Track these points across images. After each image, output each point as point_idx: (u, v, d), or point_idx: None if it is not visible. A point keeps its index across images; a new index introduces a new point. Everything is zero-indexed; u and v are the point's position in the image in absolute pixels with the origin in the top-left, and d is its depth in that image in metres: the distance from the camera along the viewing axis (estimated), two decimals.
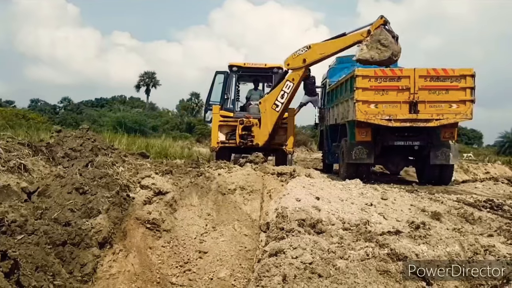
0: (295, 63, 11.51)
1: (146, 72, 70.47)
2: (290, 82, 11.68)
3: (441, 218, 5.06)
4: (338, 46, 11.17)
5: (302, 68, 11.54)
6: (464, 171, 16.08)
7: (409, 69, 10.02)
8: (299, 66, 11.49)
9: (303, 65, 11.45)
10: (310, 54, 11.35)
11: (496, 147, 48.67)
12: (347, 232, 4.07)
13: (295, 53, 11.48)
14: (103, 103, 64.39)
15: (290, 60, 11.56)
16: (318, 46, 11.38)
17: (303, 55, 11.38)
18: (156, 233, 6.42)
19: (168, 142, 20.18)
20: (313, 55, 11.36)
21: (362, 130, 10.28)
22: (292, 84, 11.67)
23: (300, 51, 11.40)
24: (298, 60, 11.43)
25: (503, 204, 6.80)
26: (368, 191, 6.78)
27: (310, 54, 11.34)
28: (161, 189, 6.81)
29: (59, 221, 5.33)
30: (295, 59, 11.47)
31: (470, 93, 9.71)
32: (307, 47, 11.38)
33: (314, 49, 11.33)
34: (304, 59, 11.38)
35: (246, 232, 6.62)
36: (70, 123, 35.84)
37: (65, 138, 7.87)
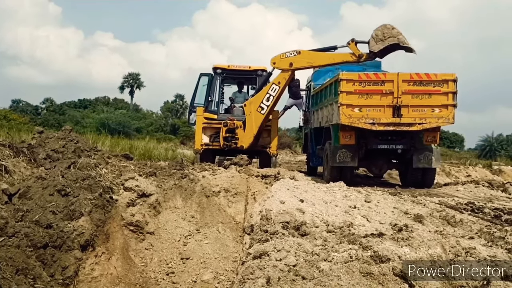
0: (281, 64, 11.49)
1: (130, 73, 70.06)
2: (276, 85, 11.67)
3: (423, 220, 5.12)
4: (326, 61, 11.28)
5: (288, 71, 11.54)
6: (446, 174, 16.32)
7: (392, 74, 10.12)
8: (285, 68, 11.48)
9: (289, 68, 11.44)
10: (298, 60, 11.35)
11: (477, 151, 49.41)
12: (331, 235, 4.10)
13: (283, 54, 11.47)
14: (86, 104, 63.69)
15: (277, 59, 11.53)
16: (307, 54, 11.39)
17: (291, 58, 11.36)
18: (140, 235, 6.38)
19: (152, 144, 20.05)
20: (300, 61, 11.37)
21: (346, 134, 10.33)
22: (278, 87, 11.65)
23: (289, 53, 11.39)
24: (285, 62, 11.42)
25: (483, 207, 6.90)
26: (351, 193, 6.83)
27: (298, 59, 11.35)
28: (145, 191, 6.76)
29: (40, 224, 5.26)
30: (282, 60, 11.46)
31: (452, 97, 9.84)
32: (296, 51, 11.38)
33: (303, 56, 11.33)
34: (291, 62, 11.37)
35: (230, 235, 6.61)
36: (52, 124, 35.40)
37: (47, 140, 7.79)
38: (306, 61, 11.36)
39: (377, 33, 10.24)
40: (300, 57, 11.33)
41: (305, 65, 11.54)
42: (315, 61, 11.36)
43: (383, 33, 10.18)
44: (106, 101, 67.71)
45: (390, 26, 10.22)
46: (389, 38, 10.14)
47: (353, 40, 10.65)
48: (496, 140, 48.89)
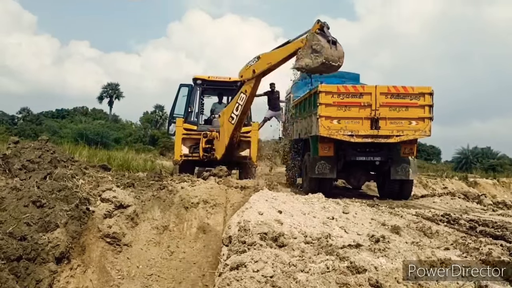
0: (246, 74, 11.22)
1: (109, 83, 69.52)
2: (244, 94, 11.39)
3: (400, 231, 5.17)
4: (282, 55, 10.77)
5: (253, 79, 11.20)
6: (423, 186, 16.56)
7: (370, 86, 10.28)
8: (250, 77, 11.24)
9: (253, 75, 11.10)
10: (259, 65, 10.93)
11: (454, 163, 50.22)
12: (309, 246, 4.10)
13: (247, 64, 11.23)
14: (64, 114, 62.86)
15: (243, 71, 11.33)
16: (266, 56, 11.07)
17: (253, 66, 11.06)
18: (116, 247, 6.30)
19: (131, 155, 19.84)
20: (261, 65, 10.96)
21: (325, 145, 10.41)
22: (245, 96, 11.34)
23: (251, 61, 11.11)
24: (249, 71, 11.10)
25: (459, 219, 7.01)
26: (330, 205, 6.86)
27: (259, 64, 10.92)
28: (122, 202, 6.68)
29: (14, 235, 5.15)
30: (247, 71, 11.18)
31: (429, 110, 10.03)
32: (257, 57, 11.07)
33: (262, 59, 11.01)
34: (254, 69, 11.03)
35: (209, 247, 6.57)
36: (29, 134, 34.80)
37: (22, 150, 7.63)
38: (265, 63, 10.96)
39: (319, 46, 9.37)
40: (260, 61, 10.88)
41: (265, 67, 10.93)
42: (273, 59, 10.86)
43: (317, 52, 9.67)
44: (84, 111, 66.94)
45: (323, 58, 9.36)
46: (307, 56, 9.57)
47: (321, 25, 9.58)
48: (471, 153, 49.80)
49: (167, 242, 6.60)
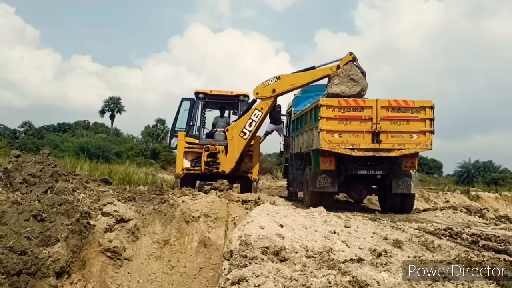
0: (264, 92, 11.64)
1: (111, 97, 69.73)
2: (259, 111, 11.78)
3: (402, 246, 5.14)
4: (307, 79, 11.43)
5: (271, 98, 11.70)
6: (425, 199, 16.50)
7: (371, 100, 10.28)
8: (268, 95, 11.63)
9: (272, 95, 11.61)
10: (279, 85, 11.53)
11: (455, 177, 50.05)
12: (310, 260, 4.08)
13: (264, 83, 11.63)
14: (65, 128, 62.94)
15: (259, 89, 11.68)
16: (287, 77, 11.59)
17: (272, 85, 11.53)
18: (117, 262, 6.27)
19: (132, 169, 19.83)
20: (282, 85, 11.54)
21: (326, 159, 10.39)
22: (261, 113, 11.77)
23: (269, 81, 11.57)
24: (268, 90, 11.58)
25: (461, 233, 6.97)
26: (331, 219, 6.84)
27: (280, 84, 11.53)
28: (123, 216, 6.67)
29: (14, 250, 5.14)
30: (265, 89, 11.60)
31: (430, 124, 10.01)
32: (277, 77, 11.56)
33: (283, 80, 11.52)
34: (273, 89, 11.54)
35: (210, 261, 6.54)
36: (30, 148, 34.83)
37: (24, 163, 7.64)
38: (288, 84, 11.54)
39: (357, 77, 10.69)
40: (281, 81, 11.51)
41: (287, 88, 11.71)
42: (297, 82, 11.53)
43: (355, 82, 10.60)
44: (86, 125, 67.07)
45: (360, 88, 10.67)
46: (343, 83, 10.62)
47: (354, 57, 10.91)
48: (473, 167, 49.65)
49: (168, 257, 6.58)
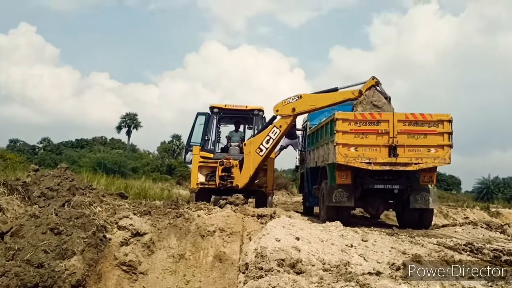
0: (284, 110, 11.63)
1: (127, 113, 70.49)
2: (277, 128, 11.76)
3: (421, 260, 5.03)
4: (328, 101, 11.34)
5: (290, 117, 11.69)
6: (444, 215, 16.19)
7: (388, 113, 10.19)
8: (288, 114, 11.61)
9: (292, 113, 11.59)
10: (300, 104, 11.50)
11: (474, 193, 49.28)
12: (327, 273, 4.01)
13: (285, 101, 11.62)
14: (83, 144, 63.68)
15: (279, 107, 11.69)
16: (309, 97, 11.56)
17: (293, 103, 11.51)
18: (132, 275, 6.26)
19: (148, 184, 19.96)
20: (303, 105, 11.52)
21: (342, 173, 10.28)
22: (279, 131, 11.75)
23: (290, 99, 11.55)
24: (288, 108, 11.56)
25: (482, 248, 6.81)
26: (348, 233, 6.74)
27: (300, 104, 11.50)
28: (139, 230, 6.68)
29: (31, 263, 5.17)
30: (285, 107, 11.60)
31: (448, 138, 9.87)
32: (298, 96, 11.54)
33: (304, 100, 11.49)
34: (294, 107, 11.51)
35: (226, 276, 6.49)
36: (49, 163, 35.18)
37: (42, 177, 7.74)
38: (308, 104, 11.51)
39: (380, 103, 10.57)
40: (302, 101, 11.48)
41: (307, 108, 11.70)
42: (317, 103, 11.47)
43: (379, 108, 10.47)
44: (103, 141, 67.80)
45: None
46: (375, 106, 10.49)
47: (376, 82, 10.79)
48: (492, 183, 48.89)
49: (183, 271, 6.55)
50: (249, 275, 4.01)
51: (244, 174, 12.04)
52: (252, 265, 4.26)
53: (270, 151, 12.06)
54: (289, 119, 11.73)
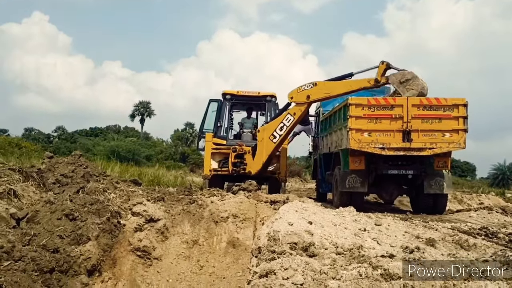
0: (299, 97, 11.51)
1: (141, 101, 70.83)
2: (291, 116, 11.66)
3: (435, 244, 4.99)
4: (344, 89, 11.13)
5: (305, 104, 11.58)
6: (458, 201, 16.05)
7: (402, 98, 10.07)
8: (302, 101, 11.50)
9: (306, 101, 11.47)
10: (315, 91, 11.37)
11: (490, 179, 48.81)
12: (340, 256, 4.00)
13: (300, 88, 11.50)
14: (97, 132, 64.25)
15: (294, 94, 11.57)
16: (324, 84, 11.42)
17: (308, 91, 11.38)
18: (147, 261, 6.32)
19: (162, 171, 20.07)
20: (318, 93, 11.39)
21: (355, 159, 10.22)
22: (293, 118, 11.64)
23: (305, 86, 11.42)
24: (303, 95, 11.44)
25: (498, 232, 6.74)
26: (361, 218, 6.71)
27: (315, 91, 11.36)
28: (153, 216, 6.72)
29: (47, 248, 5.24)
30: (300, 94, 11.47)
31: (463, 122, 9.73)
32: (313, 83, 11.40)
33: (319, 87, 11.36)
34: (308, 95, 11.39)
35: (239, 261, 6.52)
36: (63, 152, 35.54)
37: (56, 164, 7.81)
38: (323, 92, 11.37)
39: (407, 75, 10.27)
40: (316, 88, 11.34)
41: (322, 96, 11.55)
42: (332, 91, 11.32)
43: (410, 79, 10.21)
44: (117, 129, 68.31)
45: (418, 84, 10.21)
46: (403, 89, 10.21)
47: (387, 64, 10.59)
48: (508, 169, 48.34)
49: (197, 257, 6.58)
50: (261, 258, 4.02)
51: (257, 161, 12.04)
52: (265, 249, 4.27)
53: (284, 138, 12.00)
54: (303, 106, 11.62)
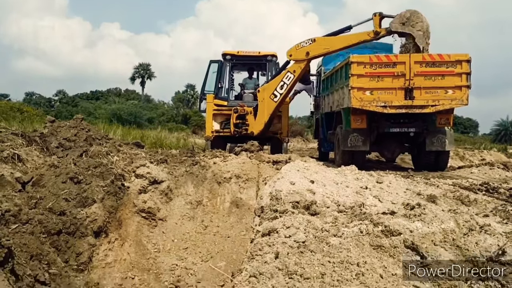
0: (298, 55, 11.38)
1: (141, 63, 70.23)
2: (291, 73, 11.55)
3: (436, 200, 5.05)
4: (343, 43, 11.03)
5: (304, 61, 11.45)
6: (460, 158, 16.13)
7: (404, 55, 9.96)
8: (302, 58, 11.37)
9: (306, 58, 11.34)
10: (314, 48, 11.22)
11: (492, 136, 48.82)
12: (342, 214, 4.05)
13: (298, 45, 11.36)
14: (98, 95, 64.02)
15: (293, 51, 11.43)
16: (323, 40, 11.28)
17: (307, 47, 11.25)
18: (152, 222, 6.41)
19: (164, 134, 20.09)
20: (317, 48, 11.24)
21: (357, 117, 10.22)
22: (293, 76, 11.54)
23: (304, 43, 11.28)
24: (302, 52, 11.30)
25: (498, 187, 6.80)
26: (363, 176, 6.76)
27: (314, 47, 11.22)
28: (156, 178, 6.78)
29: (53, 211, 5.31)
30: (299, 51, 11.34)
31: (466, 78, 9.66)
32: (311, 40, 11.24)
33: (318, 43, 11.21)
34: (307, 51, 11.25)
35: (242, 220, 6.61)
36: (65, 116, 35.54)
37: (59, 128, 7.83)
38: (322, 47, 11.24)
39: (406, 14, 10.09)
40: (316, 44, 11.20)
41: (322, 51, 11.43)
42: (332, 46, 11.20)
43: (410, 18, 10.02)
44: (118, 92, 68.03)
45: (420, 16, 10.04)
46: (410, 27, 10.01)
47: (380, 14, 10.45)
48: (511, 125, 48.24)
49: (201, 217, 6.67)
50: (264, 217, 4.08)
51: (258, 121, 12.03)
52: (267, 208, 4.33)
53: (285, 96, 11.95)
54: (303, 63, 11.51)
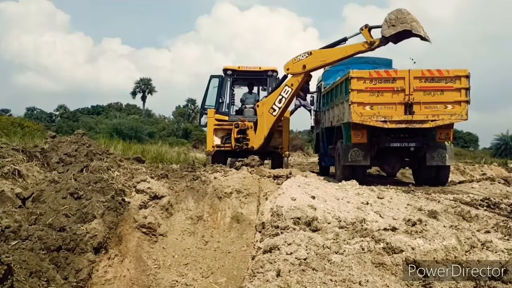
0: (295, 68, 11.39)
1: (142, 78, 70.52)
2: (289, 87, 11.57)
3: (437, 216, 5.03)
4: (339, 55, 10.99)
5: (301, 74, 11.45)
6: (461, 172, 16.10)
7: (403, 70, 10.01)
8: (299, 71, 11.38)
9: (302, 71, 11.33)
10: (310, 61, 11.22)
11: (492, 150, 48.82)
12: (343, 230, 4.04)
13: (295, 58, 11.38)
14: (99, 110, 64.14)
15: (290, 65, 11.46)
16: (319, 52, 11.28)
17: (303, 60, 11.26)
18: (152, 237, 6.38)
19: (165, 148, 20.10)
20: (313, 61, 11.23)
21: (357, 132, 10.23)
22: (291, 89, 11.56)
23: (300, 56, 11.30)
24: (298, 66, 11.31)
25: (500, 203, 6.79)
26: (364, 191, 6.75)
27: (311, 60, 11.22)
28: (157, 193, 6.76)
29: (53, 227, 5.28)
30: (295, 64, 11.35)
31: (465, 93, 9.70)
32: (308, 53, 11.26)
33: (315, 56, 11.21)
34: (304, 65, 11.26)
35: (243, 236, 6.58)
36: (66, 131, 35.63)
37: (59, 144, 7.83)
38: (319, 60, 11.23)
39: (390, 17, 9.88)
40: (312, 57, 11.20)
41: (318, 64, 11.39)
42: (328, 58, 11.19)
43: (396, 17, 9.82)
44: (118, 107, 68.20)
45: (405, 11, 9.76)
46: (402, 24, 9.83)
47: (366, 26, 10.39)
48: (511, 139, 48.26)
49: (202, 232, 6.64)
50: (265, 233, 4.06)
51: (258, 135, 12.04)
52: (269, 224, 4.31)
53: (283, 110, 11.96)
54: (300, 76, 11.50)
